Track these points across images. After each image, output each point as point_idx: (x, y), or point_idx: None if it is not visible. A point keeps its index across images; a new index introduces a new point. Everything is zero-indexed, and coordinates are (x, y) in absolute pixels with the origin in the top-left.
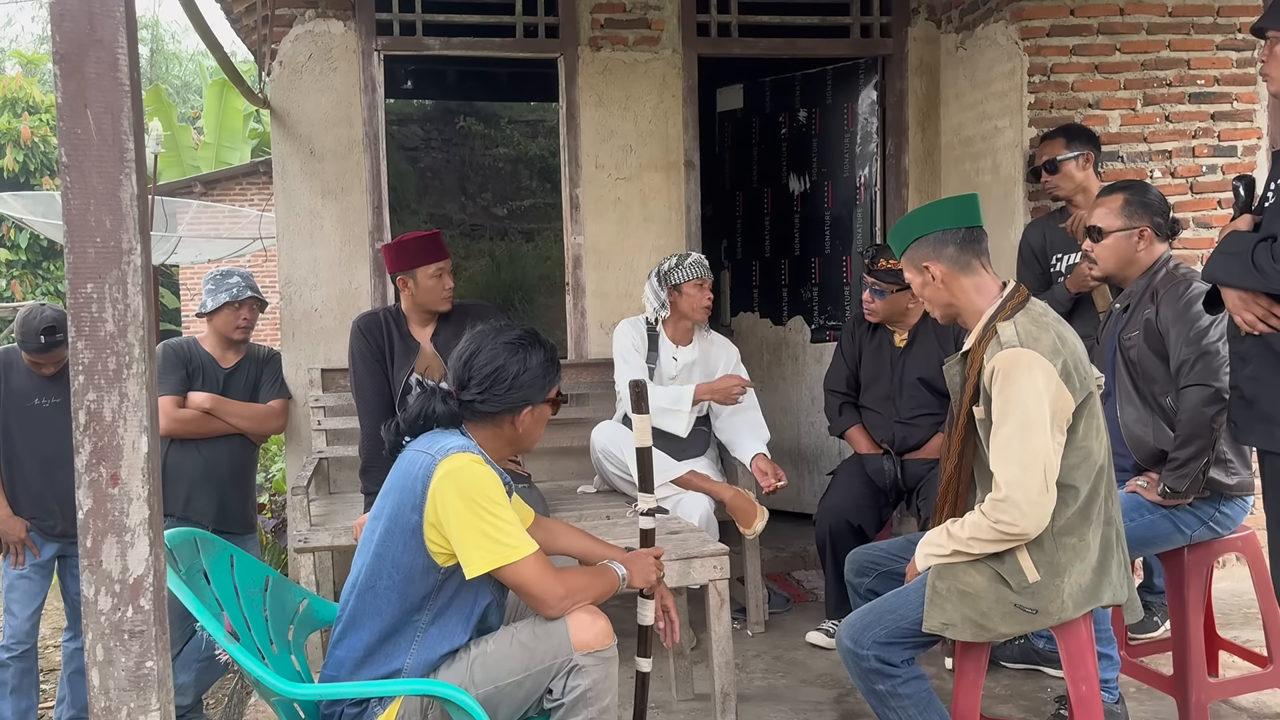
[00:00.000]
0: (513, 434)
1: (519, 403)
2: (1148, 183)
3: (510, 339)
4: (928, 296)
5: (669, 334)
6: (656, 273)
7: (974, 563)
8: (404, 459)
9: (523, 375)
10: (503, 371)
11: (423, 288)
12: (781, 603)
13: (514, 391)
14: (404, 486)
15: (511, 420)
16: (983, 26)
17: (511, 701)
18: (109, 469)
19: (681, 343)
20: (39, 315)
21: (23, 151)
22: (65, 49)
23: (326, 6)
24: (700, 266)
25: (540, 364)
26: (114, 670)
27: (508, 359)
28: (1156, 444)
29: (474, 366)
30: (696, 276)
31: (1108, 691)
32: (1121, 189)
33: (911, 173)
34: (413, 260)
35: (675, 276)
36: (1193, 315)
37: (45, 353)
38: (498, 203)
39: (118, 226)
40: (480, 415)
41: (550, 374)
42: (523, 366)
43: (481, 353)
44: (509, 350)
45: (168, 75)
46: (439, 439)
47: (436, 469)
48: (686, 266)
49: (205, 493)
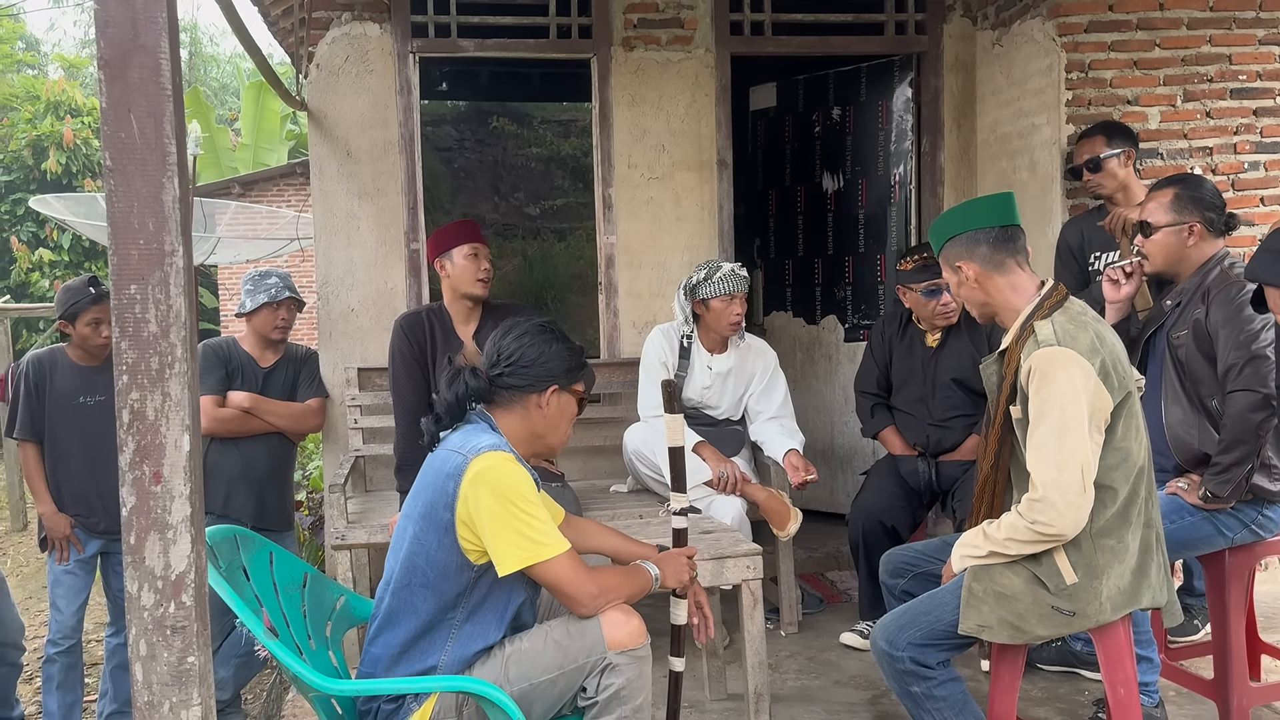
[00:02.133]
0: (540, 421)
1: (544, 378)
2: (1203, 176)
3: (539, 323)
4: (963, 296)
5: (703, 342)
6: (684, 284)
7: (1011, 564)
8: (435, 458)
9: (548, 354)
10: (529, 349)
11: (457, 267)
12: (815, 603)
13: (539, 367)
14: (436, 485)
15: (537, 401)
16: (1019, 23)
17: (545, 699)
18: (152, 467)
19: (716, 351)
20: (77, 279)
21: (65, 154)
22: (109, 54)
23: (363, 9)
24: (730, 280)
25: (566, 351)
26: (157, 665)
27: (535, 338)
28: (1200, 447)
29: (503, 346)
30: (725, 292)
31: (1147, 695)
32: (1174, 183)
33: (947, 171)
34: (448, 242)
35: (702, 291)
36: (1244, 318)
37: (99, 303)
38: (530, 202)
39: (160, 229)
40: (508, 396)
41: (575, 362)
42: (549, 347)
43: (511, 334)
44: (536, 330)
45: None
46: (471, 438)
47: (469, 468)
48: (715, 281)
49: (244, 491)
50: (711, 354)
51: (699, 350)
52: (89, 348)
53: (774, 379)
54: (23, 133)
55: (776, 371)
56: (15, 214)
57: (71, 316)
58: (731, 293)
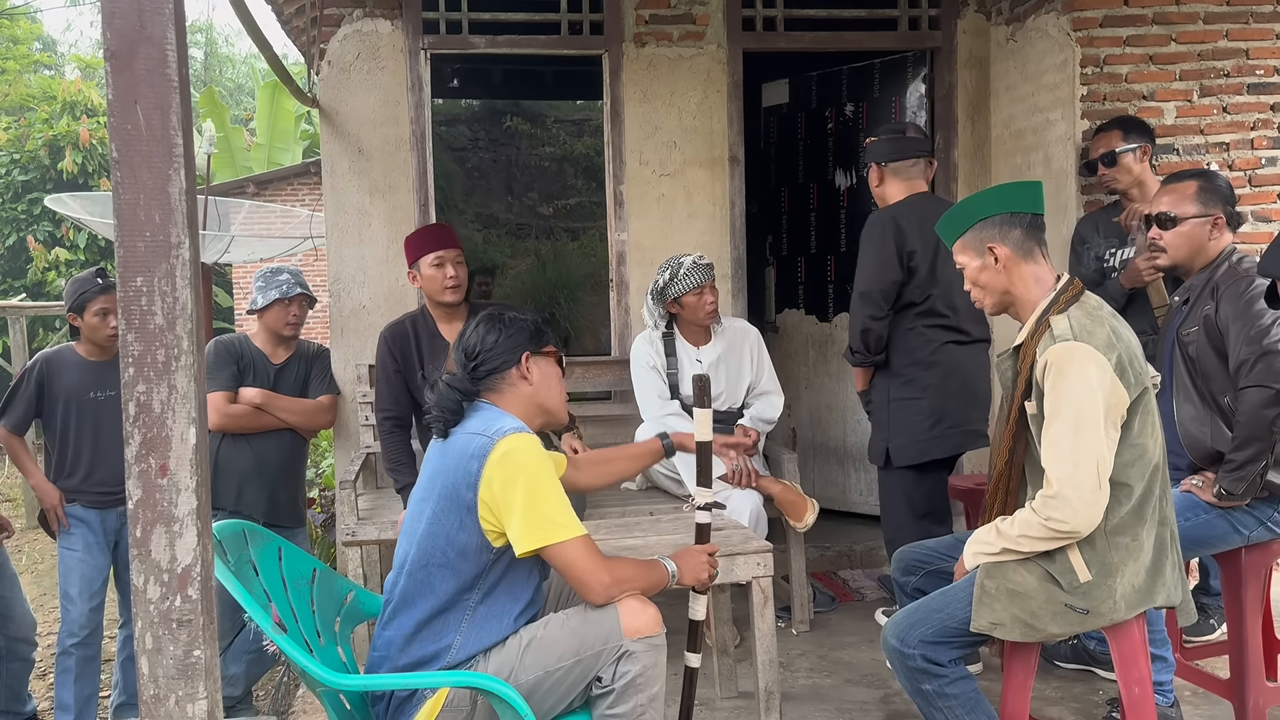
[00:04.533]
0: (529, 389)
1: (514, 349)
2: (1216, 170)
3: (487, 313)
4: (984, 282)
5: (685, 337)
6: (651, 290)
7: (1024, 561)
8: (455, 441)
9: (506, 330)
10: (488, 335)
11: (425, 277)
12: (827, 602)
13: (505, 343)
14: (458, 466)
15: (519, 373)
16: (1034, 18)
17: (560, 687)
18: (158, 460)
19: (700, 343)
20: (84, 271)
21: (81, 154)
22: (116, 46)
23: (374, 6)
24: (695, 274)
25: (523, 322)
26: (162, 658)
27: (489, 325)
28: (1214, 444)
29: (467, 344)
30: (694, 286)
31: (1162, 694)
32: (1192, 176)
33: (961, 167)
34: (415, 251)
35: (672, 291)
36: (1254, 313)
37: (106, 293)
38: (543, 202)
39: (166, 221)
40: (493, 382)
41: (535, 328)
42: (505, 326)
43: (468, 334)
44: (487, 319)
45: (221, 78)
46: (494, 421)
47: (494, 449)
48: (681, 278)
49: (256, 487)
50: (697, 347)
51: (683, 346)
52: (98, 339)
53: (760, 352)
54: (39, 133)
55: (760, 344)
56: (32, 213)
57: (79, 308)
58: (700, 284)
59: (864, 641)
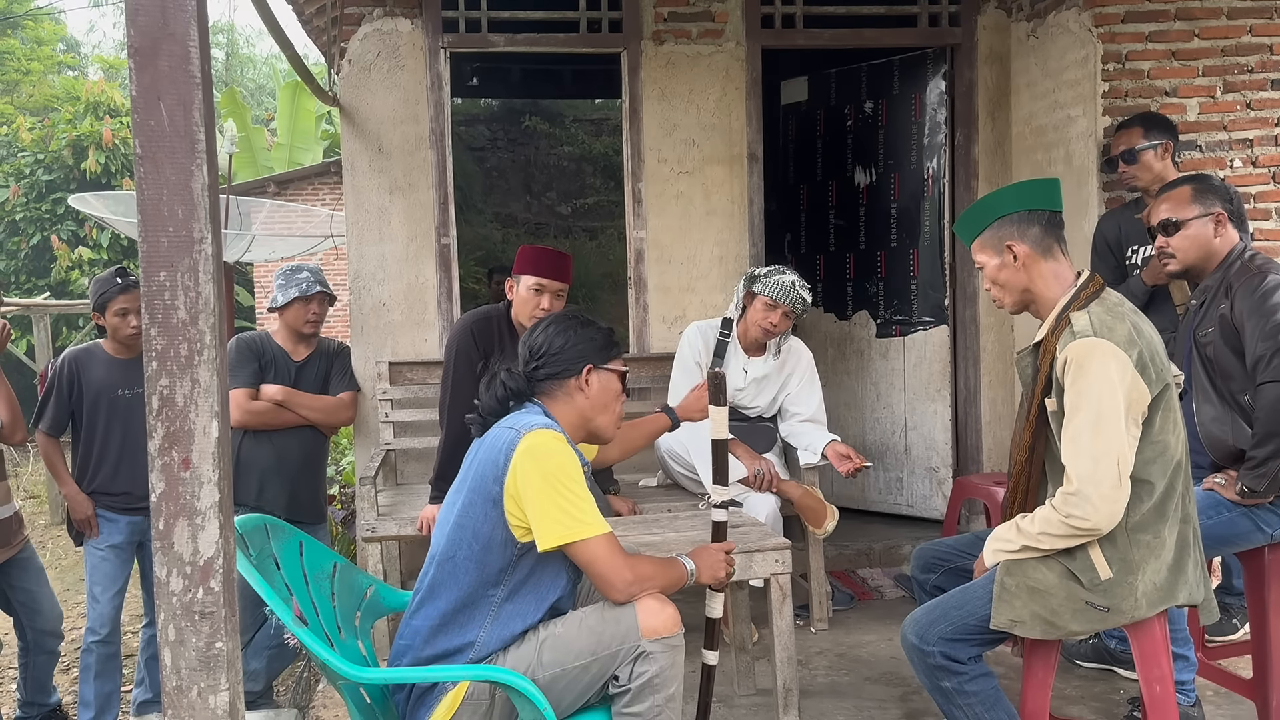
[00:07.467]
0: (585, 403)
1: (577, 359)
2: (1209, 173)
3: (565, 313)
4: (1003, 280)
5: (741, 342)
6: (746, 275)
7: (1044, 559)
8: (488, 436)
9: (576, 337)
10: (557, 338)
11: (519, 296)
12: (845, 600)
13: (571, 351)
14: (487, 459)
15: (577, 384)
16: (1054, 14)
17: (577, 685)
18: (181, 453)
19: (753, 354)
20: (106, 270)
21: (104, 154)
22: (139, 42)
23: (394, 5)
24: (779, 289)
25: (594, 332)
26: (185, 650)
27: (561, 326)
28: (1235, 443)
29: (534, 342)
30: (772, 296)
31: (1183, 693)
32: (1185, 181)
33: (981, 164)
34: (521, 266)
35: (757, 286)
36: (1269, 308)
37: (126, 293)
38: (562, 201)
39: (189, 216)
40: (549, 386)
41: (605, 340)
42: (576, 332)
43: (539, 330)
44: (562, 320)
45: (242, 78)
46: (524, 417)
47: (520, 443)
48: (769, 280)
49: (277, 483)
50: (749, 356)
51: (736, 350)
52: (119, 338)
53: (811, 380)
54: (63, 133)
55: (813, 373)
56: (55, 213)
57: (101, 307)
58: (776, 300)
59: (882, 639)
